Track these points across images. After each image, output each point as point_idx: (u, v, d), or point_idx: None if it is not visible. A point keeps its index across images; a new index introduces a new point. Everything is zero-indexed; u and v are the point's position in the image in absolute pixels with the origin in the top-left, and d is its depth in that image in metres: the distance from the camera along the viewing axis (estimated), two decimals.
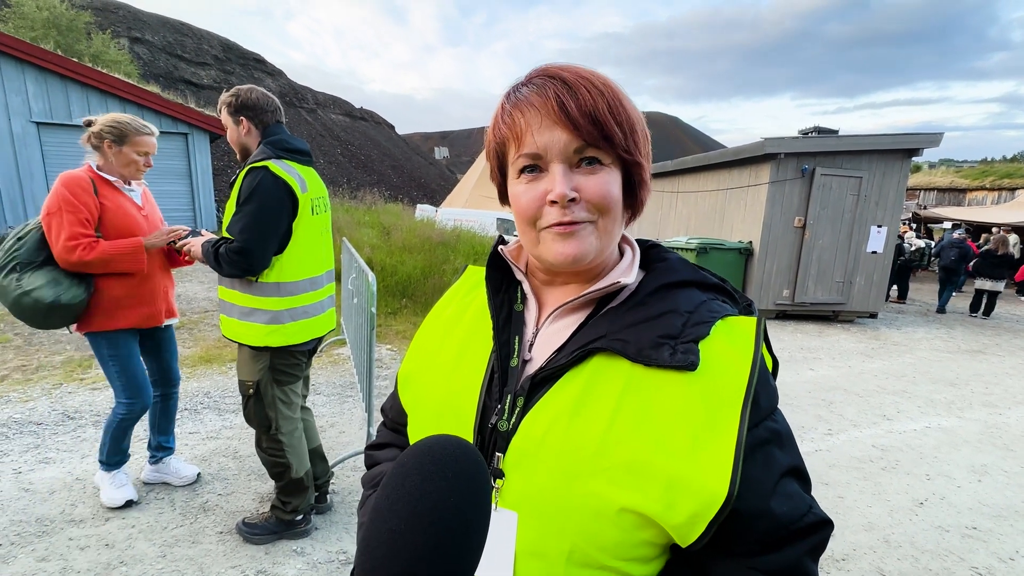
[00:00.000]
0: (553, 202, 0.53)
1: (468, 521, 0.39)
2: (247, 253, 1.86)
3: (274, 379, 2.09)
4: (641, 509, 0.48)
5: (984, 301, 9.12)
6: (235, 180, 1.99)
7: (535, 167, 0.54)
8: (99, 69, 10.19)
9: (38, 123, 9.27)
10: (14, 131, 9.08)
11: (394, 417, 0.76)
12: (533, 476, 0.52)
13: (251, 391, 2.05)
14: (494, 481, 0.54)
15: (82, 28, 18.68)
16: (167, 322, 2.45)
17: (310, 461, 2.29)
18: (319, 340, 2.25)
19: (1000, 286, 8.98)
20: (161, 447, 2.59)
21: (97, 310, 2.16)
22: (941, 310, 9.49)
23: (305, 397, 2.45)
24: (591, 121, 0.51)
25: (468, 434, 0.57)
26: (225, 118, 2.02)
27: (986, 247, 9.29)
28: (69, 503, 2.41)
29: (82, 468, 2.71)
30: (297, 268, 2.05)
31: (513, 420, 0.55)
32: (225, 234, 1.97)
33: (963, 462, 3.44)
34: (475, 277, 0.73)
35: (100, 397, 3.63)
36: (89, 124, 2.15)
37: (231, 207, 1.96)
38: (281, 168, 1.92)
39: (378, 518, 0.38)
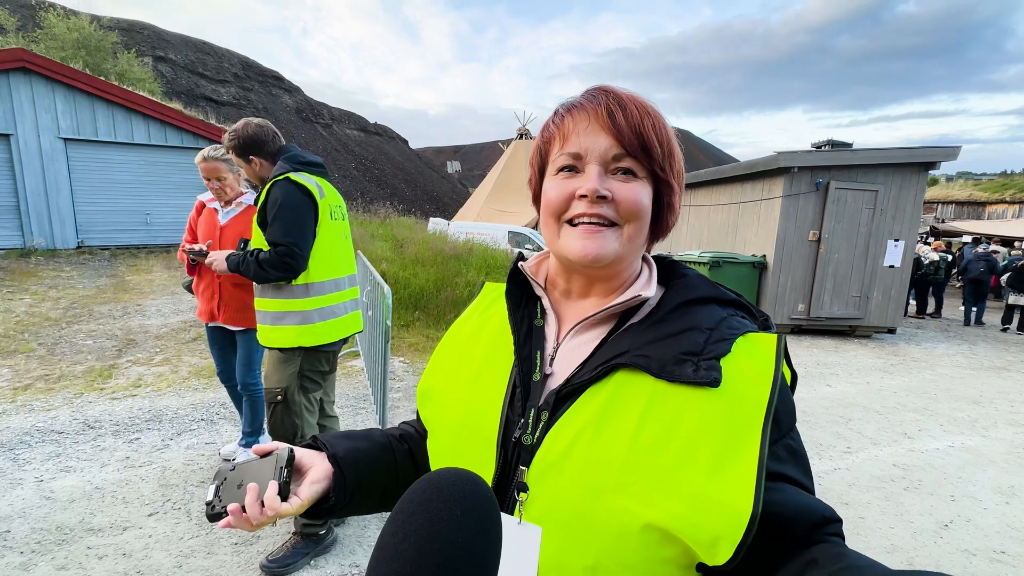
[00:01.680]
0: (583, 196, 0.56)
1: (481, 559, 0.38)
2: (296, 255, 1.99)
3: (301, 385, 2.15)
4: (666, 526, 0.47)
5: (1017, 316, 8.98)
6: (256, 198, 2.10)
7: (573, 167, 0.58)
8: (124, 87, 10.54)
9: (65, 139, 9.60)
10: (43, 147, 9.41)
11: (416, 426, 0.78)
12: (558, 490, 0.52)
13: (279, 398, 2.10)
14: (517, 495, 0.54)
15: (109, 48, 19.33)
16: (209, 324, 2.76)
17: None
18: (343, 341, 2.31)
19: None
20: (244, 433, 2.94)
21: None
22: (977, 323, 9.38)
23: (332, 403, 2.53)
24: (634, 132, 0.55)
25: (491, 447, 0.58)
26: (236, 161, 2.17)
27: (1022, 261, 9.16)
28: (88, 512, 2.45)
29: (101, 477, 2.76)
30: (321, 269, 2.16)
31: (537, 434, 0.55)
32: (257, 245, 2.06)
33: (989, 483, 3.34)
34: (493, 293, 0.75)
35: (120, 407, 3.69)
36: None
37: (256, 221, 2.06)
38: (299, 177, 2.05)
39: (384, 558, 0.37)
